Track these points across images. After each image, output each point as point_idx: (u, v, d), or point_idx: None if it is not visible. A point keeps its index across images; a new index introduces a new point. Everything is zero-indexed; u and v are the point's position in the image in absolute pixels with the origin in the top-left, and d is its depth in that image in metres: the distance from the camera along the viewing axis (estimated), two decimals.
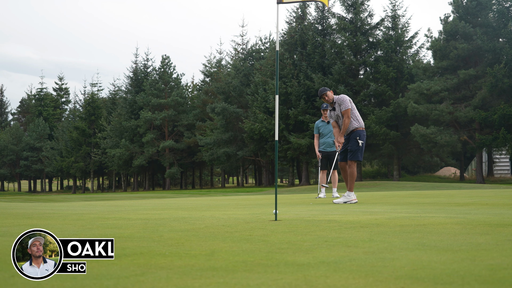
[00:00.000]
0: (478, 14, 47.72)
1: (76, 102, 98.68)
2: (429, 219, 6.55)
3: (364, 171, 66.22)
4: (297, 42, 56.06)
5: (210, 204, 13.34)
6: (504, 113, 42.64)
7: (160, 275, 3.17)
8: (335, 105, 11.64)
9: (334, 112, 11.69)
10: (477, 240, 4.50)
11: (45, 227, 6.15)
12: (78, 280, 3.05)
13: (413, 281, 2.92)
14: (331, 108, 11.74)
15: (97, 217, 7.88)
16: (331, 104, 11.70)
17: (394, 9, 52.90)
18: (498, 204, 9.74)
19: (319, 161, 15.13)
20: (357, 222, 6.25)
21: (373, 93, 50.98)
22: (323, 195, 14.89)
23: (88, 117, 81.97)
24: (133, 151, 72.05)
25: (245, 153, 60.35)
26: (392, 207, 9.58)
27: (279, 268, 3.35)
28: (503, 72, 43.00)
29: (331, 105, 11.71)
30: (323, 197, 14.74)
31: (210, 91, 69.24)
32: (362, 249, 4.09)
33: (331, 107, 11.75)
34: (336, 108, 11.63)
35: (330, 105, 11.76)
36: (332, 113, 11.77)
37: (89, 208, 11.45)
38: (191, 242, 4.58)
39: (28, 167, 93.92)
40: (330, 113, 11.79)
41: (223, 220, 6.74)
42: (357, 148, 11.42)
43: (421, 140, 45.61)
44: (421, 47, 53.17)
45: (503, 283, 2.85)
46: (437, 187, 32.88)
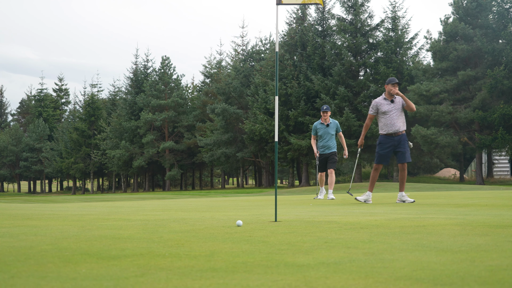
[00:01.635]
0: (478, 16, 47.71)
1: (76, 103, 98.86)
2: (429, 220, 6.55)
3: (364, 172, 66.21)
4: (297, 43, 56.05)
5: (210, 205, 13.35)
6: (504, 113, 42.65)
7: (160, 276, 3.17)
8: (396, 98, 11.63)
9: (391, 105, 11.59)
10: (476, 241, 4.50)
11: (45, 228, 6.15)
12: (78, 281, 3.05)
13: (412, 282, 2.92)
14: (389, 101, 11.62)
15: (97, 218, 7.89)
16: (391, 96, 11.65)
17: (394, 10, 52.88)
18: (498, 205, 9.75)
19: (317, 159, 15.06)
20: (357, 223, 6.26)
21: (373, 94, 50.93)
22: (321, 197, 14.86)
23: (88, 118, 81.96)
24: (133, 152, 72.04)
25: (245, 154, 60.34)
26: (392, 208, 9.58)
27: (279, 269, 3.35)
28: (503, 74, 43.00)
29: (390, 97, 11.65)
30: (321, 198, 14.72)
31: (210, 92, 69.25)
32: (362, 250, 4.09)
33: (390, 99, 11.63)
34: (396, 101, 11.61)
35: (388, 97, 11.66)
36: (386, 106, 11.63)
37: (88, 209, 11.46)
38: (191, 243, 4.58)
39: (27, 168, 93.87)
40: (386, 105, 11.64)
41: (223, 221, 6.75)
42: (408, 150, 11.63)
43: (422, 141, 45.60)
44: (421, 49, 53.16)
45: (503, 284, 2.85)
46: (437, 188, 32.88)
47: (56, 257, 3.86)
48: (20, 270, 3.38)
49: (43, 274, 3.24)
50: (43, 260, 3.74)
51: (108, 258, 3.81)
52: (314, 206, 11.37)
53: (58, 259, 3.78)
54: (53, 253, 4.08)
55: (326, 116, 14.49)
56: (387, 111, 11.56)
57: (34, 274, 3.26)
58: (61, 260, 3.74)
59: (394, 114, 11.53)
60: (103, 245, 4.49)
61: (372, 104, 11.77)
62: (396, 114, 11.54)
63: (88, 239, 4.93)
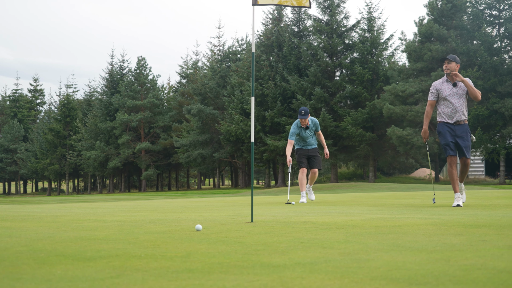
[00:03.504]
0: (453, 17, 48.08)
1: (51, 103, 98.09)
2: (404, 220, 6.59)
3: (340, 173, 66.45)
4: (273, 44, 56.11)
5: (186, 206, 13.32)
6: (478, 114, 43.00)
7: (136, 277, 3.16)
8: (457, 80, 9.85)
9: (453, 89, 9.85)
10: (451, 240, 4.54)
11: (19, 229, 6.11)
12: (53, 282, 3.03)
13: (388, 281, 2.94)
14: (452, 84, 9.87)
15: (72, 219, 7.85)
16: (451, 77, 9.90)
17: (370, 11, 53.11)
18: (472, 206, 9.83)
19: (290, 167, 14.19)
20: (333, 224, 6.28)
21: (349, 95, 51.20)
22: (304, 200, 14.08)
23: (63, 119, 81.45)
24: (109, 153, 71.68)
25: (221, 154, 60.23)
26: (367, 209, 9.63)
27: (255, 269, 3.35)
28: (477, 75, 43.33)
29: (452, 79, 9.91)
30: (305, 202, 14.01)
31: (187, 92, 69.11)
32: (338, 250, 4.10)
33: (451, 81, 9.90)
34: (458, 84, 9.85)
35: (450, 78, 9.90)
36: (448, 89, 9.87)
37: (64, 210, 11.39)
38: (167, 244, 4.57)
39: (2, 169, 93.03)
40: (448, 89, 9.83)
41: (199, 222, 6.74)
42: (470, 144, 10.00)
43: (398, 142, 45.82)
44: (396, 49, 53.47)
45: (477, 283, 2.88)
46: (412, 188, 33.06)
47: (31, 259, 3.84)
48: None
49: (18, 276, 3.22)
50: (17, 262, 3.72)
51: (84, 260, 3.79)
52: (290, 206, 11.39)
53: (33, 261, 3.75)
54: (28, 254, 4.05)
55: (306, 122, 13.84)
56: (447, 95, 9.89)
57: (9, 275, 3.24)
58: (36, 262, 3.71)
59: (455, 99, 9.88)
60: (79, 247, 4.47)
61: (431, 88, 10.09)
62: (458, 100, 9.86)
63: (64, 241, 4.90)
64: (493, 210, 8.50)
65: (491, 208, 9.17)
